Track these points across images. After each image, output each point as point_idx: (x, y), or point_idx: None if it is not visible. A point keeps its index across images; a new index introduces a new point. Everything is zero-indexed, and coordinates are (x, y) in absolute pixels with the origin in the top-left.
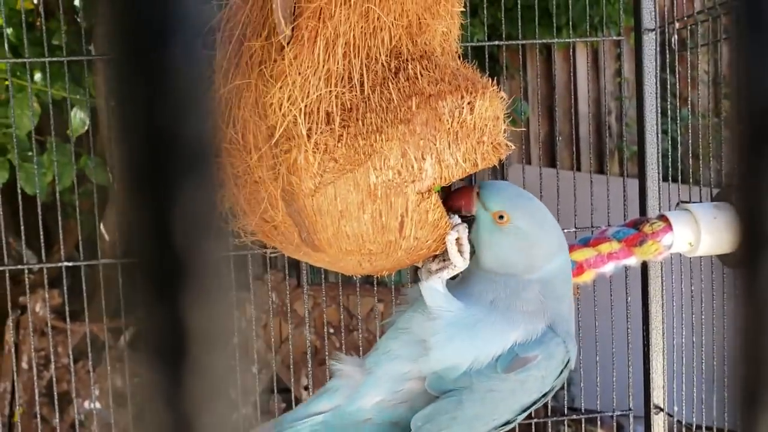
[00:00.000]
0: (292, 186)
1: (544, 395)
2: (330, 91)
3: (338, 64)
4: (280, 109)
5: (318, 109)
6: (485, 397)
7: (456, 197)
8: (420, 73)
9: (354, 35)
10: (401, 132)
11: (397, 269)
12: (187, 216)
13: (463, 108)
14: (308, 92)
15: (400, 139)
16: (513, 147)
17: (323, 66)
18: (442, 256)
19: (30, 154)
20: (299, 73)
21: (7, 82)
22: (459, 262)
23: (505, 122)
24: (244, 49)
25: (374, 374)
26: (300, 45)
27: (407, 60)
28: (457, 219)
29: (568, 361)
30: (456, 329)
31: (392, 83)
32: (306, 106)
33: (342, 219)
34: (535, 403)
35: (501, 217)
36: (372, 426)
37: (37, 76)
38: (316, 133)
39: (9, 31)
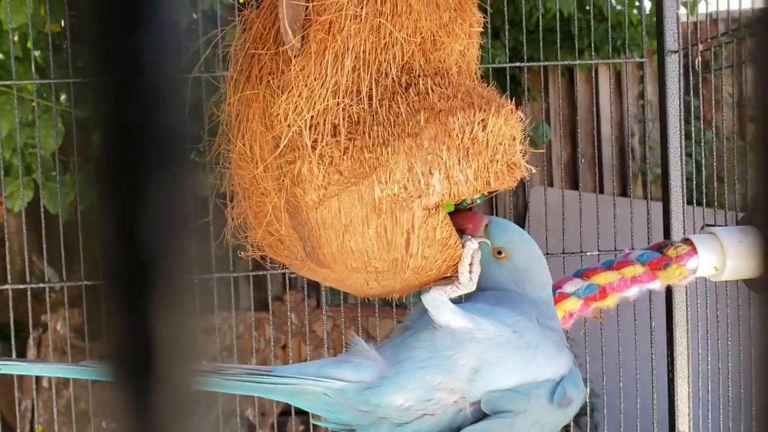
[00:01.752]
0: (296, 197)
1: None
2: (337, 103)
3: (347, 77)
4: (286, 120)
5: (324, 121)
6: (532, 427)
7: (465, 219)
8: (431, 88)
9: (364, 49)
10: (408, 146)
11: (407, 292)
12: (156, 215)
13: (474, 125)
14: (314, 104)
15: (406, 153)
16: (534, 170)
17: (331, 78)
18: (451, 277)
19: (54, 173)
20: (306, 85)
21: (33, 104)
22: (465, 280)
23: (523, 143)
24: (254, 61)
25: (400, 378)
26: (307, 57)
27: (419, 75)
28: (470, 238)
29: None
30: (510, 349)
31: (402, 97)
32: (312, 117)
33: (346, 233)
34: None
35: (500, 252)
36: (389, 426)
37: (62, 97)
38: (321, 145)
39: (37, 53)
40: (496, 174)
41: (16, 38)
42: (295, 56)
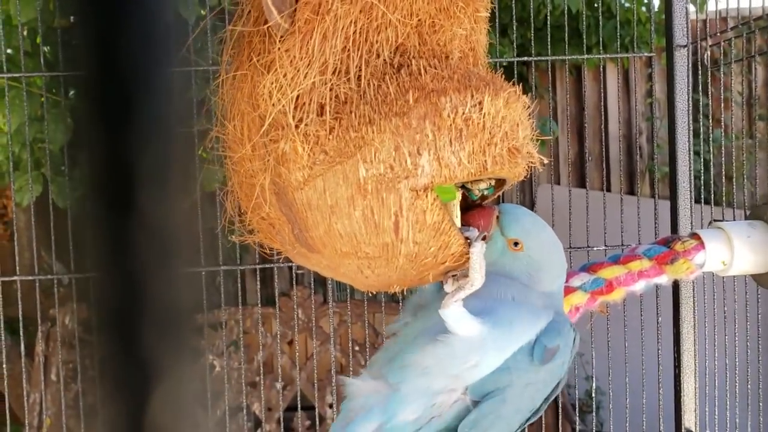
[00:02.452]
0: (281, 177)
1: (560, 381)
2: (324, 82)
3: (336, 57)
4: (270, 99)
5: (311, 100)
6: (524, 391)
7: (475, 216)
8: (424, 69)
9: (354, 30)
10: (395, 125)
11: (406, 284)
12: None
13: (468, 105)
14: (299, 83)
15: (393, 132)
16: (546, 160)
17: (318, 58)
18: (457, 275)
19: (63, 168)
20: (291, 64)
21: (42, 99)
22: (477, 280)
23: (533, 129)
24: (245, 44)
25: (401, 391)
26: (293, 36)
27: (413, 57)
28: (475, 232)
29: (574, 340)
30: (497, 335)
31: (392, 78)
32: (297, 97)
33: (333, 215)
34: (555, 388)
35: (516, 244)
36: None
37: (72, 92)
38: (306, 124)
39: (46, 48)
40: (494, 158)
41: (25, 33)
42: (281, 37)
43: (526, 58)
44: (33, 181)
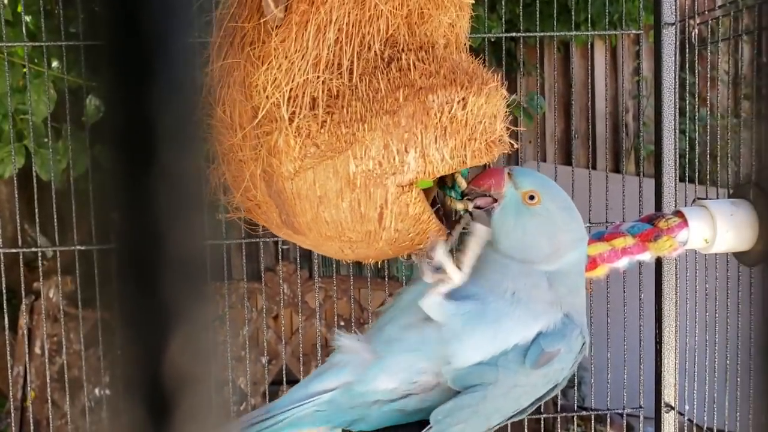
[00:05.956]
0: (272, 168)
1: (557, 385)
2: (317, 76)
3: (329, 50)
4: (264, 91)
5: (304, 93)
6: (509, 392)
7: (485, 176)
8: (413, 64)
9: (348, 22)
10: (385, 123)
11: (382, 258)
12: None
13: (454, 103)
14: (294, 76)
15: (383, 130)
16: (516, 144)
17: (312, 51)
18: (439, 268)
19: (46, 140)
20: (286, 57)
21: (25, 69)
22: (457, 278)
23: (505, 121)
24: (236, 29)
25: (386, 360)
26: (289, 29)
27: (402, 50)
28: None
29: (581, 348)
30: (476, 323)
31: (382, 73)
32: (291, 90)
33: (320, 205)
34: (548, 392)
35: (532, 197)
36: (379, 410)
37: (54, 63)
38: (299, 118)
39: (28, 18)
40: (474, 152)
41: (6, 2)
42: (276, 26)
43: (514, 34)
44: (16, 153)
